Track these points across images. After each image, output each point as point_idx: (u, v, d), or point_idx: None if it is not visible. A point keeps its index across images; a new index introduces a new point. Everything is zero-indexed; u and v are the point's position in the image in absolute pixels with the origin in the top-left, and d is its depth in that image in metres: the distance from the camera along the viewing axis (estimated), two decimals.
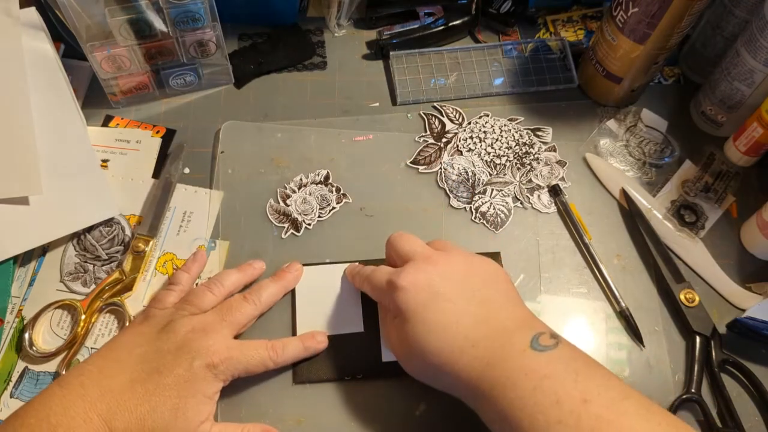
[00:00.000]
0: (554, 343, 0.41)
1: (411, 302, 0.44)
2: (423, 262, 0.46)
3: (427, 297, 0.44)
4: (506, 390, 0.40)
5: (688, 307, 0.54)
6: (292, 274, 0.54)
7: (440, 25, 0.68)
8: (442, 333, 0.43)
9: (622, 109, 0.65)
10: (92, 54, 0.56)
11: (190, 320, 0.48)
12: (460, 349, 0.42)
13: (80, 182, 0.56)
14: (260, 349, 0.48)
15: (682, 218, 0.59)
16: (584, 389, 0.38)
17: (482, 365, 0.41)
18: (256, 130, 0.63)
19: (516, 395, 0.39)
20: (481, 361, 0.41)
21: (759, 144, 0.58)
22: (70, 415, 0.41)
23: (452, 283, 0.45)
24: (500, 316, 0.44)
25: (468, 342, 0.42)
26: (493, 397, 0.40)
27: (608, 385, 0.39)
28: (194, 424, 0.44)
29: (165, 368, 0.44)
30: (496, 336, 0.42)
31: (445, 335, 0.43)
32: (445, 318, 0.44)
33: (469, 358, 0.42)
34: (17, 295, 0.53)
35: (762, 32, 0.53)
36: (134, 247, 0.55)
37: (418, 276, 0.45)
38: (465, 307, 0.44)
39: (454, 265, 0.47)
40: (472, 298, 0.45)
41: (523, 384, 0.39)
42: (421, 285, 0.45)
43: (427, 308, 0.44)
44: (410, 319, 0.44)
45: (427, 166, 0.61)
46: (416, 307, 0.44)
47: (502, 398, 0.40)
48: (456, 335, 0.43)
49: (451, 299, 0.44)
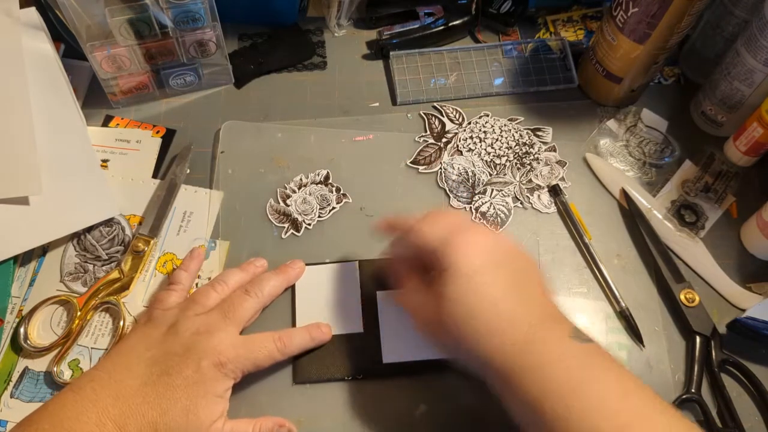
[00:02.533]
0: (591, 338, 0.41)
1: (465, 263, 0.43)
2: (482, 230, 0.46)
3: (481, 263, 0.43)
4: (543, 374, 0.39)
5: (688, 307, 0.54)
6: (294, 270, 0.54)
7: (440, 25, 0.68)
8: (486, 303, 0.42)
9: (622, 109, 0.65)
10: (92, 54, 0.56)
11: (195, 321, 0.48)
12: (498, 326, 0.41)
13: (80, 182, 0.56)
14: (267, 342, 0.48)
15: (682, 218, 0.59)
16: (626, 385, 0.38)
17: (518, 346, 0.40)
18: (256, 130, 0.63)
19: (553, 377, 0.39)
20: (517, 342, 0.41)
21: (759, 144, 0.58)
22: (83, 420, 0.42)
23: (505, 257, 0.45)
24: (541, 303, 0.44)
25: (508, 319, 0.41)
26: (525, 382, 0.39)
27: (644, 388, 0.39)
28: (207, 423, 0.44)
29: (174, 370, 0.45)
30: (537, 321, 0.42)
31: (489, 306, 0.42)
32: (493, 289, 0.42)
33: (505, 336, 0.41)
34: (17, 295, 0.53)
35: (762, 32, 0.53)
36: (134, 247, 0.55)
37: (478, 239, 0.44)
38: (511, 284, 0.43)
39: (506, 242, 0.46)
40: (518, 279, 0.44)
41: (560, 368, 0.39)
42: (480, 249, 0.44)
43: (478, 273, 0.42)
44: (457, 280, 0.42)
45: (427, 166, 0.61)
46: (468, 270, 0.42)
47: (535, 383, 0.39)
48: (500, 309, 0.42)
49: (500, 272, 0.43)
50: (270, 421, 0.47)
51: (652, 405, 0.38)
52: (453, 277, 0.43)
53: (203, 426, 0.44)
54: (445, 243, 0.44)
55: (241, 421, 0.47)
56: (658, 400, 0.39)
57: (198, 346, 0.46)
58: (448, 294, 0.43)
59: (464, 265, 0.43)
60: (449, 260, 0.43)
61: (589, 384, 0.39)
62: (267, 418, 0.48)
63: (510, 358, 0.40)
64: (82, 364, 0.51)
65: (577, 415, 0.37)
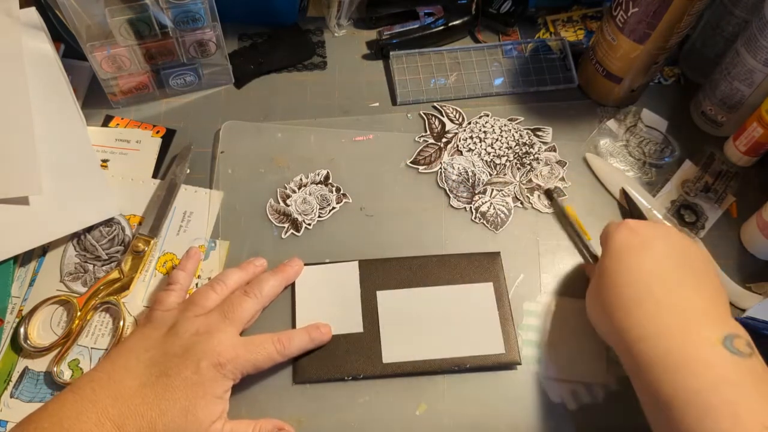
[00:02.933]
0: (749, 353, 0.38)
1: (616, 241, 0.47)
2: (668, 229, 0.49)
3: (632, 245, 0.46)
4: (677, 376, 0.37)
5: None
6: (293, 268, 0.54)
7: (440, 25, 0.68)
8: (643, 276, 0.44)
9: (622, 109, 0.65)
10: (92, 54, 0.56)
11: (194, 322, 0.48)
12: (642, 303, 0.42)
13: (80, 182, 0.56)
14: (266, 343, 0.48)
15: (682, 218, 0.59)
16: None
17: (657, 335, 0.39)
18: (256, 130, 0.63)
19: (688, 386, 0.36)
20: (658, 330, 0.39)
21: (759, 144, 0.58)
22: (83, 420, 0.42)
23: (672, 248, 0.46)
24: (701, 297, 0.43)
25: (653, 300, 0.41)
26: (657, 378, 0.38)
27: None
28: (206, 424, 0.44)
29: (173, 371, 0.45)
30: (686, 314, 0.40)
31: (642, 283, 0.44)
32: (647, 267, 0.44)
33: (646, 317, 0.41)
34: (17, 295, 0.53)
35: (762, 32, 0.53)
36: (134, 247, 0.55)
37: (640, 229, 0.47)
38: (670, 271, 0.44)
39: (678, 236, 0.48)
40: (684, 266, 0.44)
41: (701, 378, 0.36)
42: (636, 234, 0.47)
43: (628, 252, 0.46)
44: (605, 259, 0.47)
45: (427, 166, 0.61)
46: (619, 247, 0.46)
47: (670, 383, 0.37)
48: (650, 290, 0.43)
49: (660, 256, 0.45)
50: (270, 424, 0.47)
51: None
52: (607, 253, 0.47)
53: (202, 426, 0.44)
54: (634, 224, 0.48)
55: (240, 422, 0.47)
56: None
57: (197, 347, 0.46)
58: (601, 268, 0.47)
59: (616, 242, 0.47)
60: (608, 242, 0.48)
61: (727, 405, 0.35)
62: (267, 420, 0.47)
63: (651, 349, 0.39)
64: (82, 364, 0.51)
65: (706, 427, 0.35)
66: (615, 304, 0.44)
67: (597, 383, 0.52)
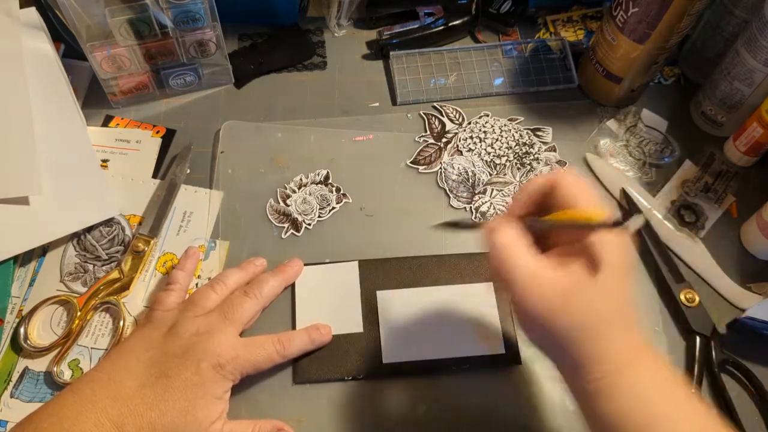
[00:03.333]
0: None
1: (620, 258, 0.39)
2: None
3: (629, 265, 0.40)
4: (649, 405, 0.37)
5: (688, 307, 0.54)
6: (292, 269, 0.54)
7: (440, 25, 0.68)
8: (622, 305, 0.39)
9: (622, 109, 0.65)
10: (92, 54, 0.56)
11: (194, 322, 0.48)
12: (618, 331, 0.38)
13: (80, 182, 0.56)
14: (266, 344, 0.48)
15: (682, 218, 0.59)
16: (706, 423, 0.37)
17: (627, 361, 0.38)
18: (256, 130, 0.63)
19: (660, 412, 0.37)
20: (629, 357, 0.38)
21: (759, 144, 0.58)
22: (82, 420, 0.42)
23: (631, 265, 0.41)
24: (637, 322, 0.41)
25: (632, 330, 0.39)
26: (627, 407, 0.37)
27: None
28: (205, 424, 0.44)
29: (172, 372, 0.45)
30: (643, 341, 0.40)
31: (625, 311, 0.39)
32: (627, 295, 0.39)
33: (621, 345, 0.39)
34: (17, 295, 0.53)
35: (762, 32, 0.53)
36: (134, 247, 0.55)
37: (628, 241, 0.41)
38: (630, 295, 0.40)
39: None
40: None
41: (667, 402, 0.37)
42: (629, 252, 0.40)
43: (629, 274, 0.39)
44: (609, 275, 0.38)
45: (427, 166, 0.61)
46: (622, 266, 0.39)
47: (640, 411, 0.37)
48: (629, 321, 0.39)
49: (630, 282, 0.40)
50: (269, 424, 0.47)
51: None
52: (604, 270, 0.39)
53: (202, 427, 0.44)
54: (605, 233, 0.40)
55: (240, 423, 0.47)
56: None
57: (197, 347, 0.46)
58: (598, 282, 0.38)
59: (619, 263, 0.39)
60: (608, 254, 0.39)
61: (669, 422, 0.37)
62: (267, 421, 0.47)
63: (610, 379, 0.38)
64: (82, 364, 0.51)
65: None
66: (578, 333, 0.39)
67: None
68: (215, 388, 0.45)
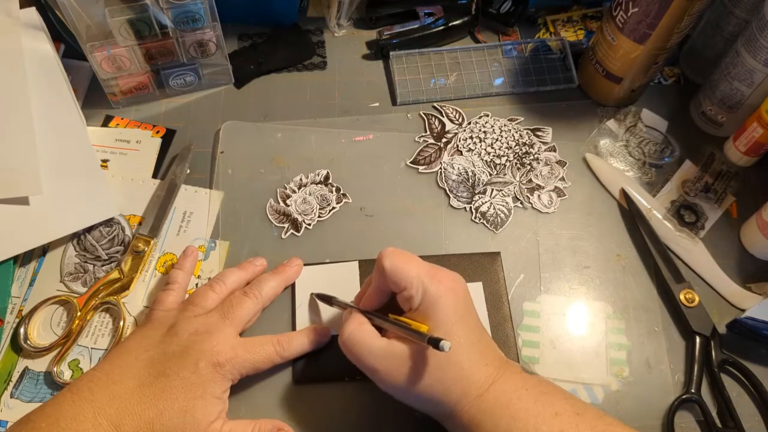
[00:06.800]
0: (534, 370, 0.44)
1: (450, 306, 0.43)
2: (452, 275, 0.45)
3: (463, 308, 0.44)
4: (509, 406, 0.41)
5: (688, 307, 0.54)
6: (292, 269, 0.54)
7: (440, 25, 0.68)
8: (466, 350, 0.43)
9: (622, 109, 0.65)
10: (92, 54, 0.56)
11: (194, 322, 0.48)
12: (471, 372, 0.42)
13: (80, 182, 0.56)
14: (266, 345, 0.48)
15: (682, 218, 0.59)
16: (574, 404, 0.42)
17: (486, 385, 0.42)
18: (256, 130, 0.63)
19: (520, 407, 0.41)
20: (486, 381, 0.42)
21: (759, 144, 0.58)
22: (80, 419, 0.42)
23: (467, 303, 0.45)
24: (489, 342, 0.45)
25: (482, 364, 0.43)
26: (495, 415, 0.41)
27: (586, 404, 0.43)
28: (204, 424, 0.44)
29: (171, 371, 0.45)
30: (497, 362, 0.44)
31: (470, 353, 0.43)
32: (472, 336, 0.43)
33: (477, 378, 0.42)
34: (17, 295, 0.53)
35: (762, 32, 0.53)
36: (134, 247, 0.55)
37: (458, 284, 0.45)
38: (478, 331, 0.44)
39: (464, 284, 0.46)
40: (477, 324, 0.45)
41: (525, 398, 0.41)
42: (460, 294, 0.44)
43: (462, 319, 0.43)
44: (441, 323, 0.42)
45: (427, 166, 0.61)
46: (453, 314, 0.43)
47: (504, 414, 0.41)
48: (477, 356, 0.43)
49: (473, 320, 0.45)
50: (269, 424, 0.47)
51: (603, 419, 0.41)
52: (433, 318, 0.43)
53: (201, 426, 0.44)
54: (433, 282, 0.43)
55: (240, 422, 0.47)
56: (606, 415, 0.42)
57: (196, 346, 0.46)
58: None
59: (450, 309, 0.43)
60: (434, 304, 0.43)
61: (551, 414, 0.41)
62: (266, 421, 0.47)
63: (475, 404, 0.42)
64: (82, 364, 0.51)
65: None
66: (438, 387, 0.42)
67: (597, 383, 0.52)
68: (214, 388, 0.45)
